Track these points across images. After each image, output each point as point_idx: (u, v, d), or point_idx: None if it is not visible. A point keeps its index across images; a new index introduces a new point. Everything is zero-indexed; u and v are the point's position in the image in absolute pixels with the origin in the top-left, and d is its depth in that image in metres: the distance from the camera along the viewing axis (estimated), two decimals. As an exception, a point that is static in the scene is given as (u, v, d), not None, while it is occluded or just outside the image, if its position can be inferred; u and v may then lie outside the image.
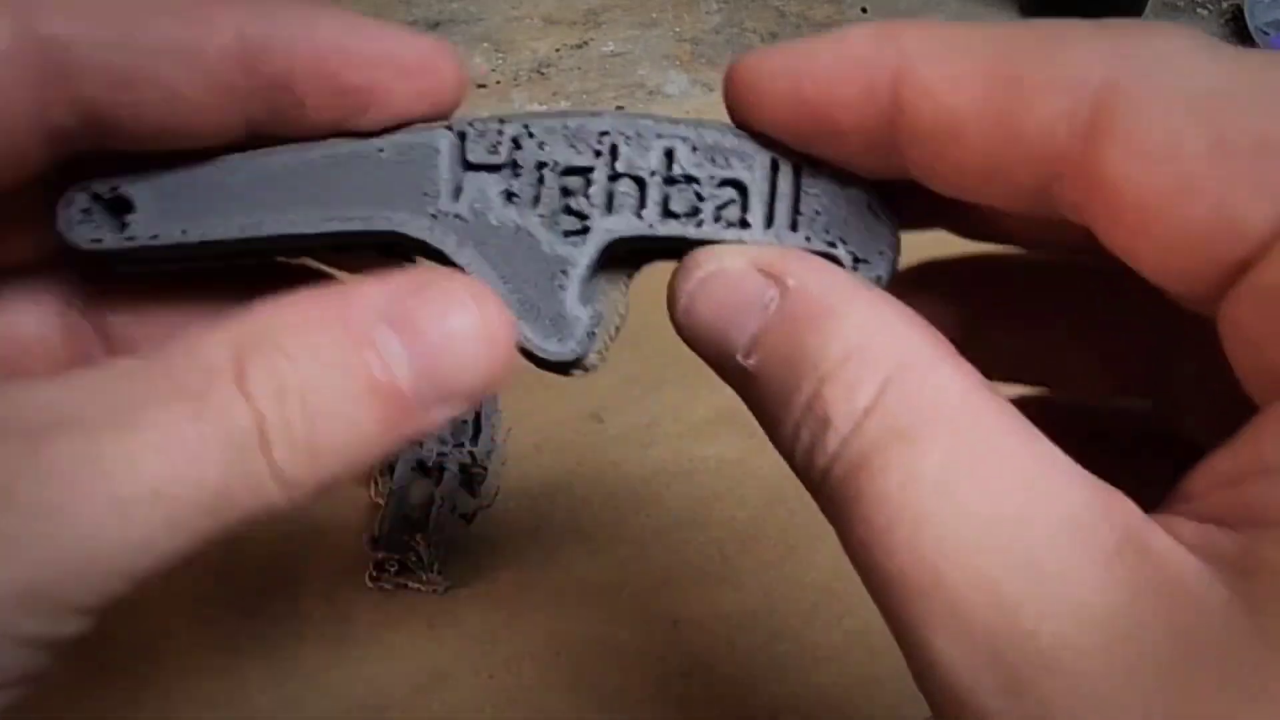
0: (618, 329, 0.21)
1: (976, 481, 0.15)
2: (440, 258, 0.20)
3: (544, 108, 0.17)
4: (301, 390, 0.16)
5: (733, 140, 0.19)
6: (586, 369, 0.21)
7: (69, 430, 0.15)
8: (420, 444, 0.36)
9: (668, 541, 0.35)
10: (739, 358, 0.18)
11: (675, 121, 0.20)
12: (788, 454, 0.18)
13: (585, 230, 0.20)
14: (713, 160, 0.19)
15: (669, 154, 0.20)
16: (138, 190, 0.20)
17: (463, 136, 0.20)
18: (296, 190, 0.20)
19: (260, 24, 0.18)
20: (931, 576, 0.15)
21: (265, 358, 0.16)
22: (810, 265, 0.18)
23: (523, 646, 0.33)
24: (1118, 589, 0.14)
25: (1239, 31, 0.64)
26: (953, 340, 0.17)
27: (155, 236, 0.20)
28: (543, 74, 0.61)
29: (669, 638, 0.33)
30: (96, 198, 0.20)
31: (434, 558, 0.33)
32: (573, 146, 0.20)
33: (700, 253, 0.19)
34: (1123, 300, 0.20)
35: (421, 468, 0.37)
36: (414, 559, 0.34)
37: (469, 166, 0.20)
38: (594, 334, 0.20)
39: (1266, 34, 0.62)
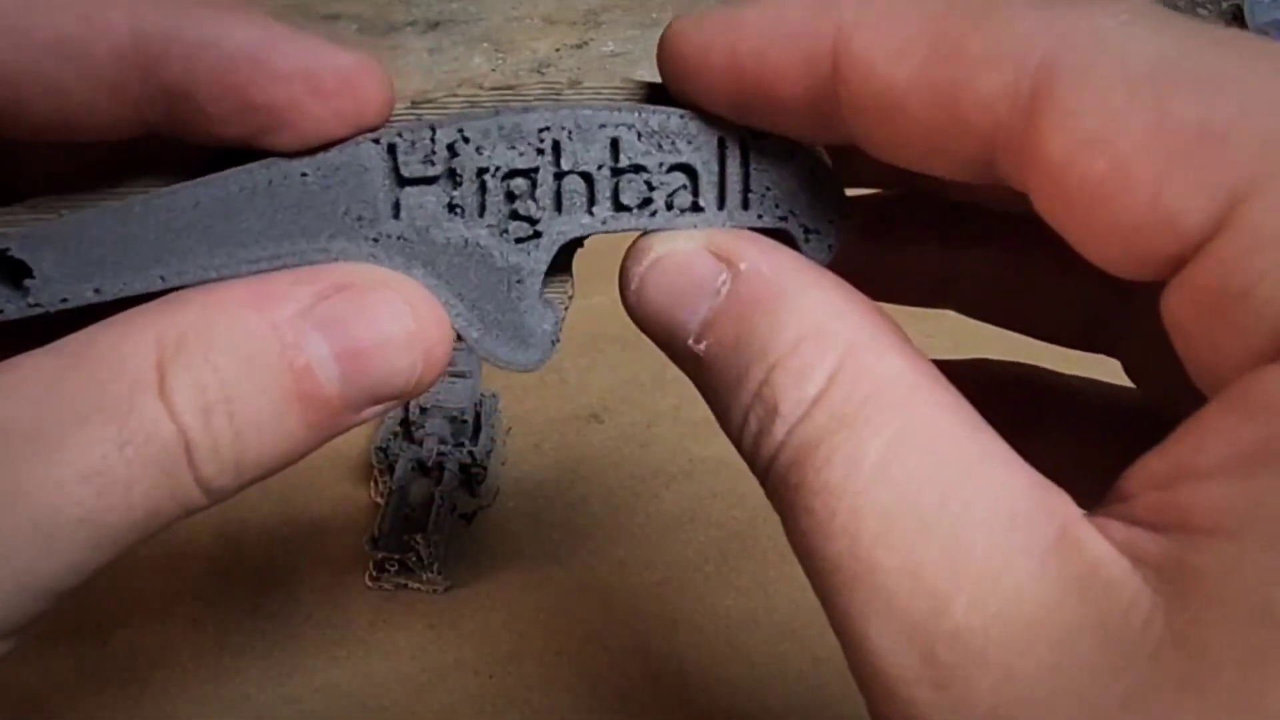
0: (568, 305, 0.20)
1: (916, 471, 0.15)
2: None
3: (472, 95, 0.16)
4: (227, 402, 0.16)
5: (678, 123, 0.18)
6: (534, 369, 0.20)
7: None
8: (420, 444, 0.36)
9: (667, 541, 0.35)
10: (690, 342, 0.18)
11: (617, 107, 0.18)
12: (736, 441, 0.17)
13: (536, 235, 0.19)
14: (660, 146, 0.18)
15: (614, 144, 0.18)
16: (31, 251, 0.17)
17: (392, 150, 0.18)
18: (215, 230, 0.18)
19: (161, 22, 0.16)
20: (867, 564, 0.15)
21: (189, 366, 0.16)
22: (762, 248, 0.18)
23: (523, 646, 0.33)
24: (1049, 586, 0.14)
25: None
26: (930, 275, 0.17)
27: (65, 300, 0.17)
28: (542, 74, 0.61)
29: (669, 638, 0.33)
30: None
31: (434, 558, 0.33)
32: (513, 148, 0.18)
33: (653, 235, 0.19)
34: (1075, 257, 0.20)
35: (421, 468, 0.37)
36: (414, 559, 0.34)
37: (404, 182, 0.18)
38: (557, 338, 0.20)
39: (1266, 34, 0.62)
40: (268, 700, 0.31)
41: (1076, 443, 0.16)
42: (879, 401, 0.15)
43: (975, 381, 0.17)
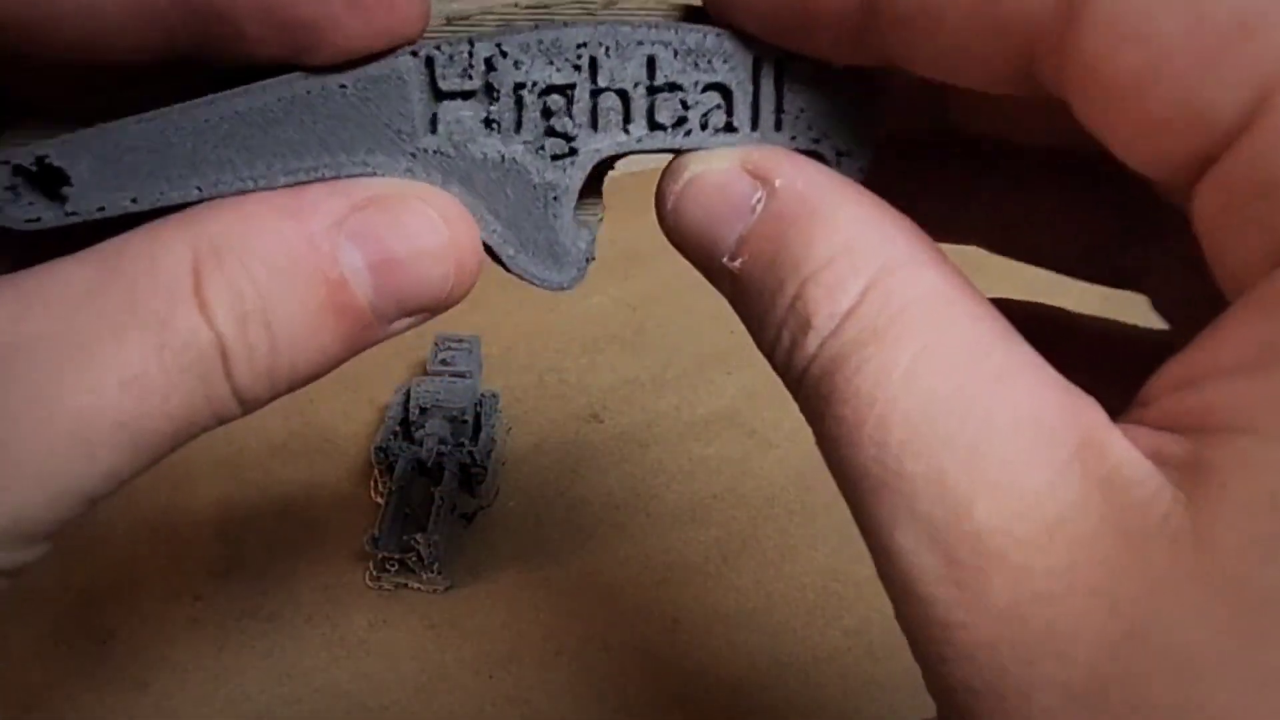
0: (600, 225, 0.20)
1: (943, 381, 0.15)
2: None
3: (508, 13, 0.16)
4: (263, 310, 0.16)
5: (714, 41, 0.18)
6: (568, 288, 0.20)
7: (31, 361, 0.15)
8: (420, 444, 0.36)
9: (668, 541, 0.36)
10: (725, 260, 0.18)
11: (654, 25, 0.18)
12: (769, 354, 0.17)
13: (573, 153, 0.19)
14: (696, 65, 0.18)
15: (651, 62, 0.18)
16: (69, 159, 0.17)
17: (430, 63, 0.18)
18: (253, 141, 0.17)
19: None
20: (894, 469, 0.15)
21: (224, 274, 0.16)
22: (798, 165, 0.18)
23: (523, 646, 0.33)
24: (1070, 489, 0.14)
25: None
26: (942, 211, 0.17)
27: (102, 209, 0.17)
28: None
29: (669, 638, 0.33)
30: (20, 171, 0.17)
31: (434, 558, 0.33)
32: (551, 63, 0.18)
33: (689, 155, 0.19)
34: (1105, 186, 0.19)
35: (421, 468, 0.37)
36: (414, 559, 0.34)
37: (441, 95, 0.18)
38: (592, 256, 0.20)
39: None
40: (268, 700, 0.31)
41: (1098, 381, 0.16)
42: (910, 315, 0.16)
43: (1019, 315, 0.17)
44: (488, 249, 0.19)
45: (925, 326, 0.16)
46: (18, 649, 0.32)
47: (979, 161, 0.21)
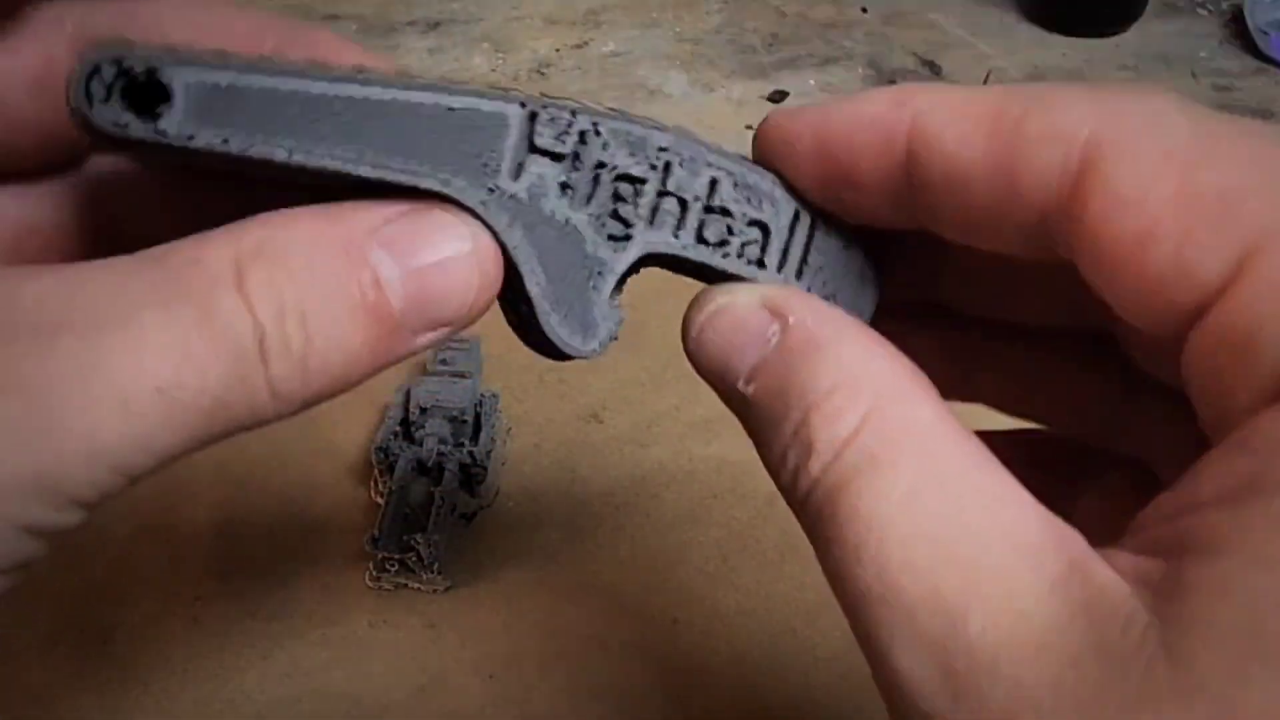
0: (621, 316, 0.22)
1: (939, 504, 0.16)
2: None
3: (606, 107, 0.17)
4: (300, 306, 0.17)
5: (768, 186, 0.21)
6: (585, 358, 0.21)
7: (75, 328, 0.16)
8: (420, 444, 0.36)
9: (667, 541, 0.36)
10: (739, 384, 0.20)
11: (725, 154, 0.21)
12: (775, 476, 0.19)
13: (628, 238, 0.20)
14: (748, 200, 0.21)
15: (713, 184, 0.21)
16: (179, 78, 0.17)
17: (534, 117, 0.19)
18: (355, 127, 0.18)
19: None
20: (893, 589, 0.16)
21: (266, 270, 0.17)
22: (811, 304, 0.20)
23: (523, 646, 0.33)
24: (1057, 608, 0.15)
25: (1239, 32, 0.64)
26: (939, 368, 0.19)
27: (191, 138, 0.17)
28: (543, 74, 0.61)
29: (668, 637, 0.33)
30: (126, 74, 0.17)
31: (434, 558, 0.34)
32: (633, 155, 0.20)
33: (715, 288, 0.21)
34: (1094, 357, 0.22)
35: (421, 468, 0.37)
36: (414, 559, 0.34)
37: (533, 149, 0.19)
38: (615, 337, 0.21)
39: (1266, 34, 0.62)
40: (268, 700, 0.31)
41: (1114, 503, 0.19)
42: (905, 443, 0.17)
43: (1023, 445, 0.19)
44: (509, 306, 0.21)
45: (917, 455, 0.17)
46: (18, 649, 0.32)
47: (975, 335, 0.23)
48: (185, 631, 0.33)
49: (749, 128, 0.59)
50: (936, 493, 0.17)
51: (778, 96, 0.59)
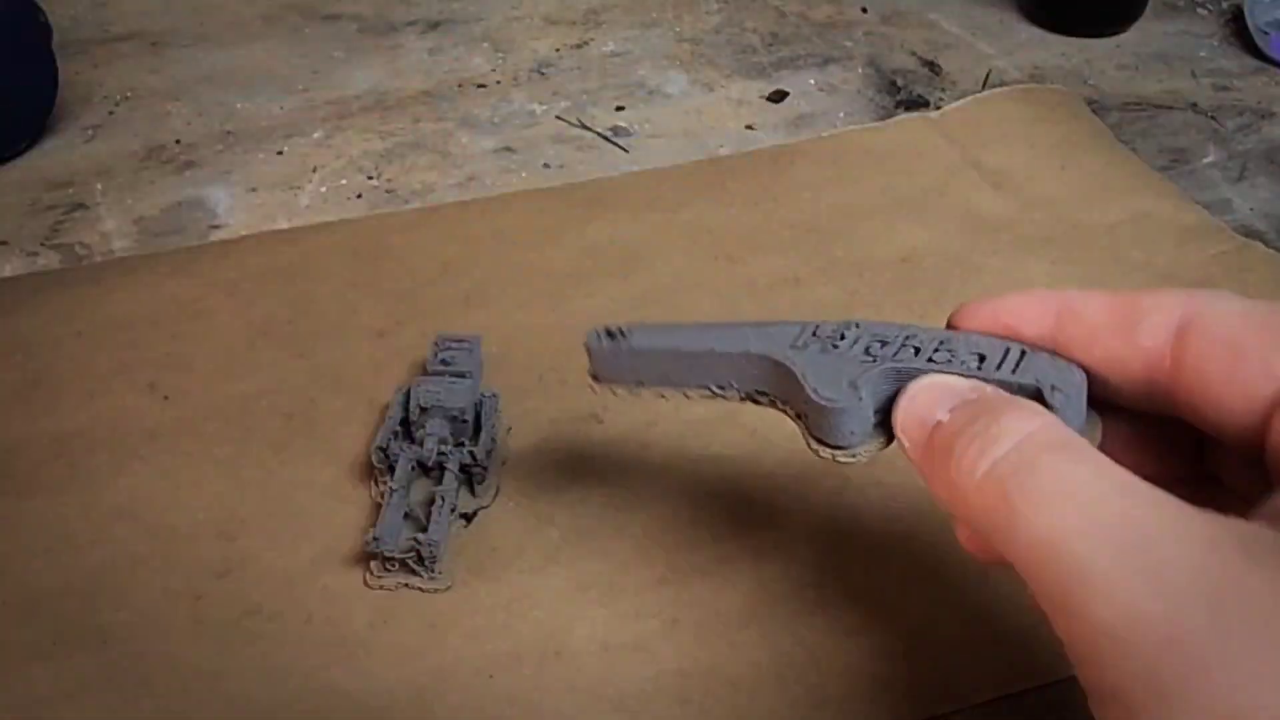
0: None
1: (1119, 499, 0.19)
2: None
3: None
4: None
5: (997, 343, 0.26)
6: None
7: None
8: (420, 444, 0.36)
9: (668, 541, 0.35)
10: (937, 413, 0.24)
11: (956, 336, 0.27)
12: (952, 470, 0.23)
13: (875, 360, 0.27)
14: (975, 345, 0.26)
15: (943, 341, 0.26)
16: (633, 333, 0.30)
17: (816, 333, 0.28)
18: (709, 367, 0.29)
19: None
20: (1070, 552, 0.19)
21: None
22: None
23: (523, 646, 0.33)
24: (1242, 579, 0.18)
25: (1239, 31, 0.64)
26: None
27: (638, 354, 0.30)
28: (543, 74, 0.61)
29: (669, 637, 0.33)
30: (611, 332, 0.30)
31: (434, 558, 0.34)
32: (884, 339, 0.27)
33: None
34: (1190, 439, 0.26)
35: (421, 468, 0.37)
36: (414, 559, 0.34)
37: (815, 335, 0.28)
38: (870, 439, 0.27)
39: (1266, 34, 0.62)
40: (268, 700, 0.31)
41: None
42: (1077, 445, 0.21)
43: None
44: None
45: (1093, 458, 0.21)
46: (18, 650, 0.32)
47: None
48: (185, 631, 0.33)
49: (749, 128, 0.59)
50: (1114, 487, 0.20)
51: (777, 96, 0.59)
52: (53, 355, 0.42)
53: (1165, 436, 0.26)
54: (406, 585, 0.34)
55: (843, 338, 0.27)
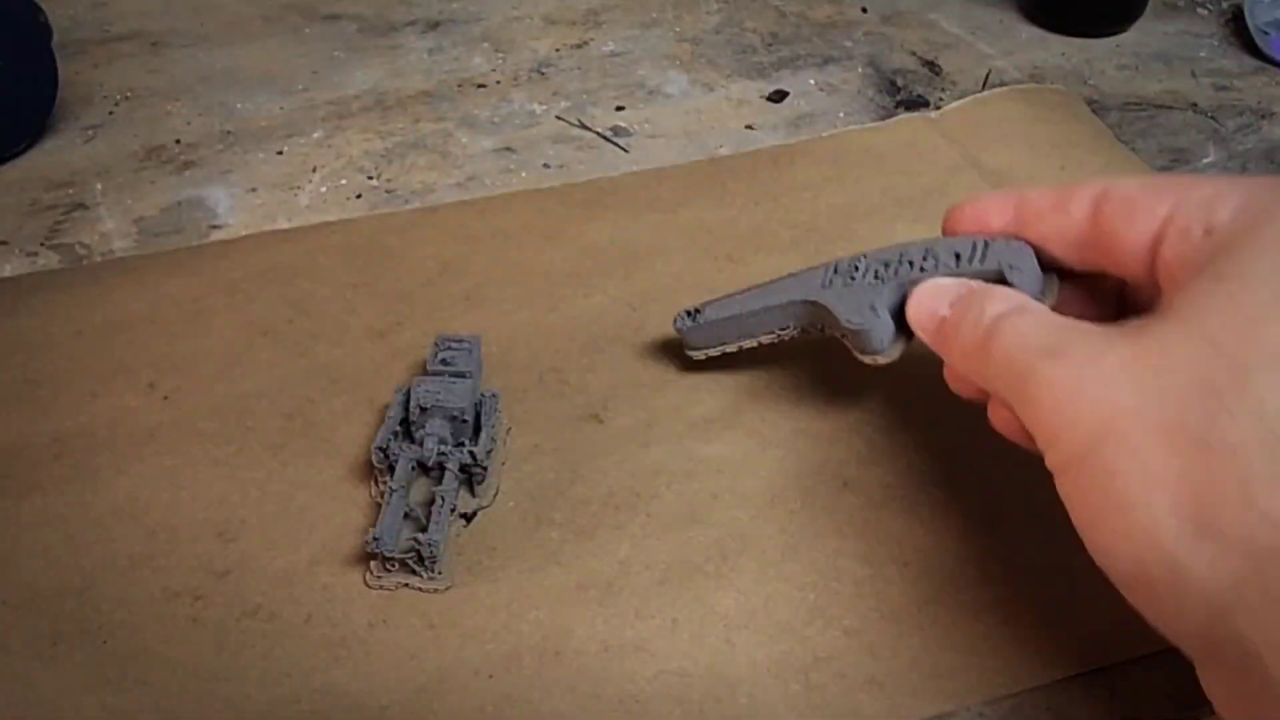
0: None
1: (1047, 331, 0.29)
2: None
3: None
4: None
5: (966, 243, 0.34)
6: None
7: None
8: (420, 444, 0.36)
9: (668, 541, 0.35)
10: (941, 310, 0.32)
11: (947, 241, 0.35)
12: (956, 342, 0.31)
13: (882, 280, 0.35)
14: (953, 250, 0.34)
15: (928, 252, 0.35)
16: (705, 309, 0.39)
17: (836, 268, 0.37)
18: (764, 294, 0.38)
19: None
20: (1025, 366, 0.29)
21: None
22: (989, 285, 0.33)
23: (523, 646, 0.33)
24: (1114, 342, 0.27)
25: (1239, 31, 0.64)
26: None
27: (709, 322, 0.39)
28: (543, 74, 0.61)
29: (669, 637, 0.33)
30: (690, 313, 0.40)
31: (434, 558, 0.33)
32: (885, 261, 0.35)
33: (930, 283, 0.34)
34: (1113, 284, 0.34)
35: (421, 468, 0.37)
36: (414, 559, 0.34)
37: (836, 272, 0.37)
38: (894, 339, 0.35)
39: (1266, 34, 0.62)
40: (268, 700, 0.31)
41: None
42: (1034, 306, 0.31)
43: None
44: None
45: (1040, 310, 0.30)
46: (18, 649, 0.32)
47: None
48: (185, 631, 0.33)
49: (749, 128, 0.59)
50: (1041, 321, 0.29)
51: (777, 96, 0.59)
52: (53, 355, 0.42)
53: (1099, 288, 0.33)
54: (406, 585, 0.34)
55: (856, 269, 0.35)
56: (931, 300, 0.32)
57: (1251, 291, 0.25)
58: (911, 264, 0.34)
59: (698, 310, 0.39)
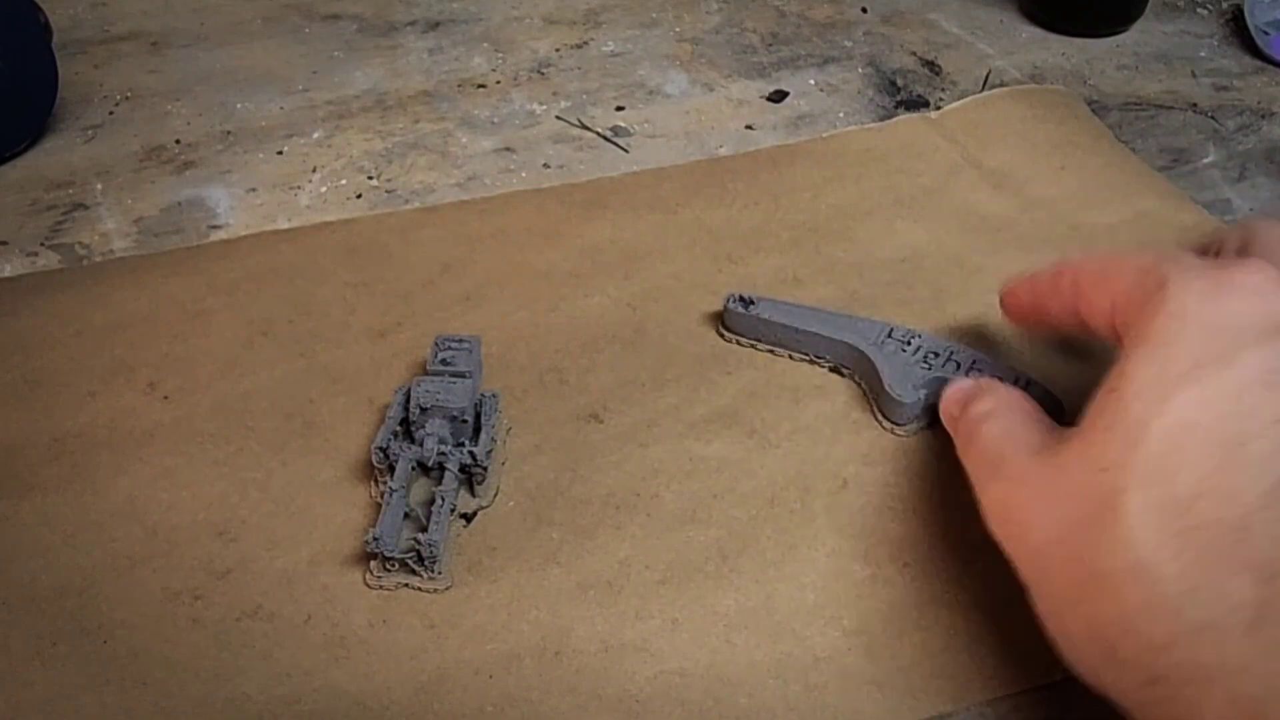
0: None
1: (1010, 431, 0.32)
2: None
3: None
4: None
5: (1001, 363, 0.39)
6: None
7: None
8: (420, 444, 0.36)
9: (668, 541, 0.35)
10: (951, 406, 0.36)
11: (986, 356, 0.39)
12: (950, 420, 0.36)
13: (929, 367, 0.39)
14: (986, 362, 0.39)
15: (974, 361, 0.39)
16: (759, 302, 0.42)
17: (890, 333, 0.40)
18: (815, 342, 0.41)
19: None
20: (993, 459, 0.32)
21: None
22: (996, 384, 0.36)
23: (523, 646, 0.33)
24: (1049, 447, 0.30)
25: (1239, 31, 0.64)
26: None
27: (759, 316, 0.41)
28: (543, 74, 0.61)
29: (669, 637, 0.33)
30: (742, 299, 0.42)
31: (434, 558, 0.33)
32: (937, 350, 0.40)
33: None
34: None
35: (421, 468, 0.37)
36: (414, 559, 0.34)
37: (889, 337, 0.40)
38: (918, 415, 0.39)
39: (1266, 34, 0.62)
40: (268, 700, 0.31)
41: None
42: (1012, 411, 0.33)
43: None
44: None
45: (1019, 410, 0.33)
46: (18, 649, 0.32)
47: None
48: (185, 631, 0.33)
49: (749, 128, 0.59)
50: (1003, 431, 0.32)
51: (777, 96, 0.59)
52: (53, 355, 0.42)
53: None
54: (406, 585, 0.34)
55: (909, 344, 0.39)
56: (955, 397, 0.36)
57: (1127, 406, 0.27)
58: (959, 365, 0.38)
59: (751, 301, 0.41)
